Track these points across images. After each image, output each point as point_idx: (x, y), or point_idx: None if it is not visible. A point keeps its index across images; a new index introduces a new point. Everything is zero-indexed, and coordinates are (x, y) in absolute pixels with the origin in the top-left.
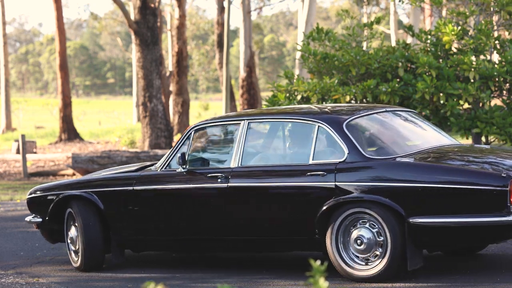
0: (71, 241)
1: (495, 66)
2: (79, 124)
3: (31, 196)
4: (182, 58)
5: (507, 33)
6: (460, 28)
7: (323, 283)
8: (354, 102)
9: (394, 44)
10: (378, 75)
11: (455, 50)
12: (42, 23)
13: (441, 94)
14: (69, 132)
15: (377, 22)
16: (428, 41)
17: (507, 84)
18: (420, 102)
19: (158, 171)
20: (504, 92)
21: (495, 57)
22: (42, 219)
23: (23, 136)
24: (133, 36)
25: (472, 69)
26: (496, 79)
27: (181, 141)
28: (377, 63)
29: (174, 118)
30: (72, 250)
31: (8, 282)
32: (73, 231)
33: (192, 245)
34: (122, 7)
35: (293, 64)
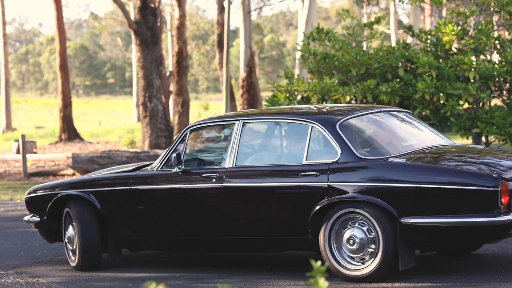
0: (68, 240)
1: (495, 66)
2: (79, 124)
3: (30, 195)
4: (182, 58)
5: (507, 33)
6: (460, 28)
7: (323, 283)
8: (354, 102)
9: (394, 44)
10: (378, 75)
11: (455, 50)
12: (42, 23)
13: (441, 94)
14: (69, 132)
15: (377, 22)
16: (428, 41)
17: (507, 84)
18: (420, 102)
19: (154, 171)
20: (504, 92)
21: (495, 57)
22: (40, 219)
23: (23, 136)
24: (133, 36)
25: (472, 69)
26: (496, 79)
27: (177, 141)
28: (377, 63)
29: (174, 118)
30: (70, 249)
31: (8, 282)
32: (70, 230)
33: (188, 244)
34: (122, 7)
35: (293, 64)
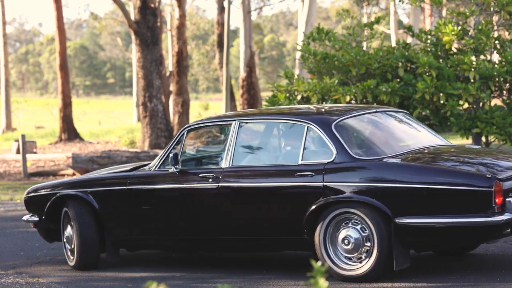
0: (67, 240)
1: (495, 66)
2: (79, 124)
3: (28, 195)
4: (182, 58)
5: (507, 33)
6: (460, 28)
7: (323, 283)
8: (354, 102)
9: (394, 44)
10: (378, 75)
11: (455, 50)
12: (42, 23)
13: (441, 94)
14: (69, 132)
15: (377, 22)
16: (428, 41)
17: (507, 84)
18: (420, 102)
19: (151, 171)
20: (504, 92)
21: (495, 57)
22: (39, 218)
23: (23, 136)
24: (133, 36)
25: (472, 69)
26: (496, 79)
27: (174, 141)
28: (377, 63)
29: (174, 118)
30: (68, 249)
31: (8, 282)
32: (69, 230)
33: (185, 244)
34: (122, 7)
35: (293, 64)
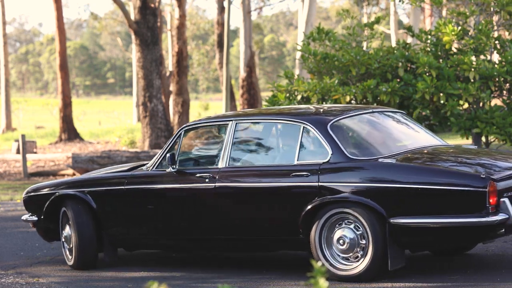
0: (65, 239)
1: (495, 66)
2: (79, 124)
3: (28, 195)
4: (182, 58)
5: (507, 33)
6: (460, 28)
7: (324, 283)
8: (354, 102)
9: (394, 44)
10: (378, 75)
11: (455, 50)
12: (42, 23)
13: (441, 94)
14: (69, 132)
15: (377, 22)
16: (428, 41)
17: (507, 84)
18: (420, 102)
19: (149, 171)
20: (504, 92)
21: (495, 57)
22: (38, 218)
23: (23, 136)
24: (133, 36)
25: (472, 69)
26: (496, 79)
27: (171, 141)
28: (377, 63)
29: (174, 118)
30: (67, 248)
31: (8, 282)
32: (67, 229)
33: (183, 244)
34: (122, 7)
35: (293, 64)
